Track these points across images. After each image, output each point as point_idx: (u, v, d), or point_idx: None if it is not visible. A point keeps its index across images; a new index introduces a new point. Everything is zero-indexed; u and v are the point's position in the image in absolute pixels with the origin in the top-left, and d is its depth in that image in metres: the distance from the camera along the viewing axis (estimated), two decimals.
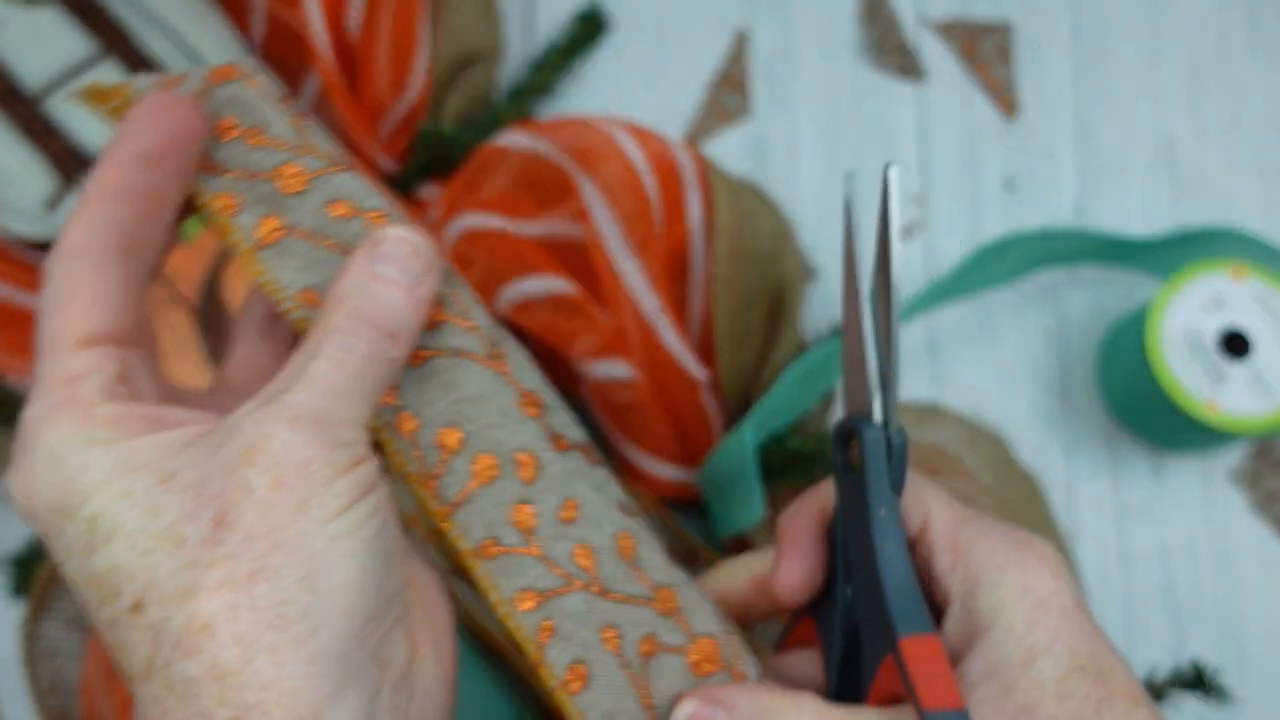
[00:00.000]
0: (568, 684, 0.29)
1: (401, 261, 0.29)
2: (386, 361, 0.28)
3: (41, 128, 0.54)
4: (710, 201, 0.50)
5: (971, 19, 0.61)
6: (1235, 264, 0.51)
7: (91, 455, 0.25)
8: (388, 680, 0.27)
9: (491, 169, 0.50)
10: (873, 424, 0.31)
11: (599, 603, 0.30)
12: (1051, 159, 0.59)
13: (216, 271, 0.53)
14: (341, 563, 0.25)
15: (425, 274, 0.29)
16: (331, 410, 0.26)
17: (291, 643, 0.24)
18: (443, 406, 0.30)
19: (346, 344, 0.27)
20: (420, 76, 0.54)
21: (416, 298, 0.29)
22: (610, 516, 0.31)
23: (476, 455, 0.30)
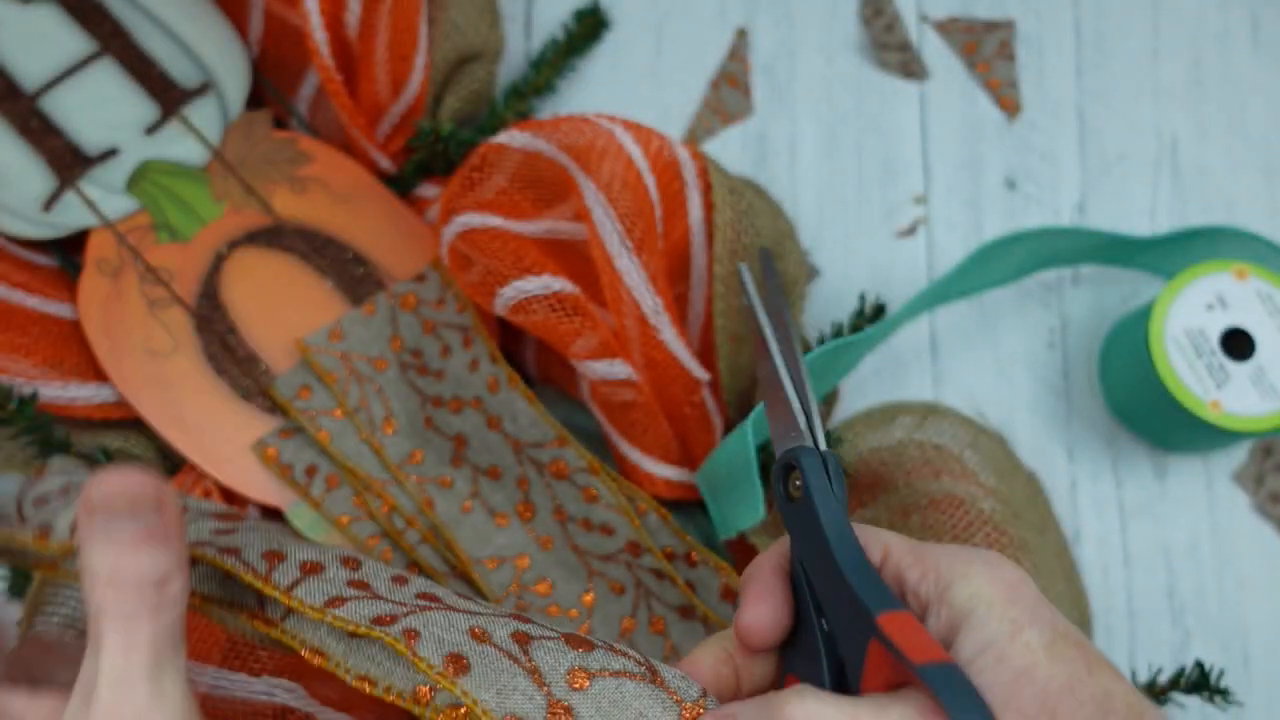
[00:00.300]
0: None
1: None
2: (163, 626, 0.28)
3: (39, 126, 0.53)
4: (710, 200, 0.49)
5: (973, 17, 0.60)
6: (1238, 263, 0.51)
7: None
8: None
9: (490, 168, 0.50)
10: (808, 449, 0.35)
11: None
12: (1053, 158, 0.59)
13: (214, 271, 0.52)
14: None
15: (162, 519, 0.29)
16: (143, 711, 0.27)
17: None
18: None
19: (121, 621, 0.27)
20: (419, 75, 0.54)
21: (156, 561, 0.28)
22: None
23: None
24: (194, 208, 0.53)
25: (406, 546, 0.48)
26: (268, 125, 0.55)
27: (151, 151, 0.54)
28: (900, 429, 0.52)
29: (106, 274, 0.52)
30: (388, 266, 0.54)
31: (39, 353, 0.50)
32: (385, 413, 0.50)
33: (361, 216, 0.54)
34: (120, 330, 0.51)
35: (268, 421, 0.50)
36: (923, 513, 0.48)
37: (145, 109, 0.55)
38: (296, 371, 0.51)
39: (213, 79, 0.55)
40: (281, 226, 0.54)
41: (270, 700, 0.45)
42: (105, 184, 0.53)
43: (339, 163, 0.55)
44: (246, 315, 0.52)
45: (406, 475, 0.49)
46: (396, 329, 0.52)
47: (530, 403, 0.51)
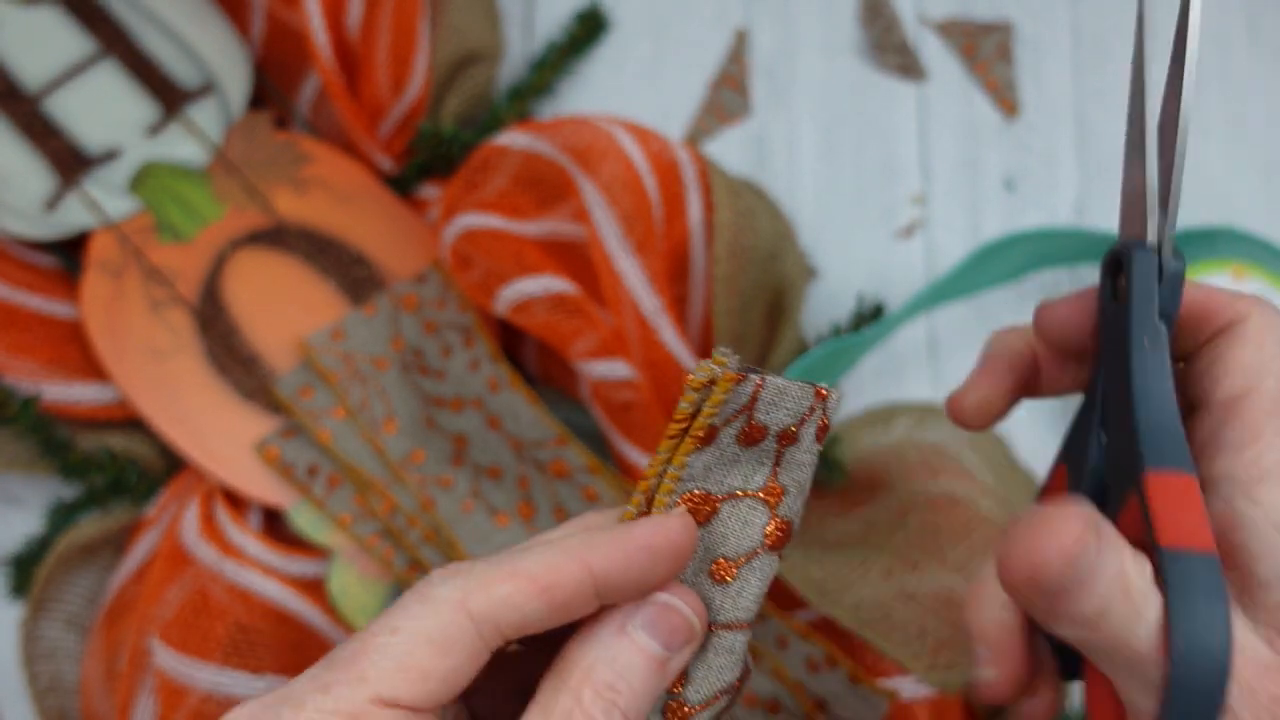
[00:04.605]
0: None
1: (666, 634, 0.26)
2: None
3: (41, 127, 0.54)
4: (710, 201, 0.50)
5: (972, 18, 0.60)
6: (1235, 263, 0.51)
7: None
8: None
9: (491, 169, 0.50)
10: (1145, 247, 0.28)
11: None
12: (1052, 158, 0.59)
13: (216, 271, 0.53)
14: None
15: (683, 648, 0.26)
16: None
17: None
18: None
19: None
20: (420, 76, 0.54)
21: (666, 675, 0.26)
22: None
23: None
24: (196, 208, 0.54)
25: (408, 546, 0.49)
26: (269, 126, 0.55)
27: (153, 152, 0.54)
28: (899, 429, 0.52)
29: (109, 274, 0.52)
30: (389, 267, 0.54)
31: (41, 353, 0.50)
32: (387, 412, 0.50)
33: (363, 217, 0.54)
34: (122, 330, 0.51)
35: (270, 421, 0.51)
36: (921, 512, 0.48)
37: (147, 110, 0.55)
38: (298, 371, 0.51)
39: (214, 80, 0.56)
40: (283, 227, 0.54)
41: None
42: (107, 184, 0.53)
43: (340, 164, 0.55)
44: (249, 315, 0.52)
45: (408, 475, 0.49)
46: (398, 329, 0.52)
47: (531, 402, 0.51)
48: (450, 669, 0.24)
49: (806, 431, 0.28)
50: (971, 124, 0.59)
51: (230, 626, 0.45)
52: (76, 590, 0.50)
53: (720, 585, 0.28)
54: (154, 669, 0.45)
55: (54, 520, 0.50)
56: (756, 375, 0.27)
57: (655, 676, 0.25)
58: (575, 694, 0.25)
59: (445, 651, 0.24)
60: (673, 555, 0.26)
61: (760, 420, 0.27)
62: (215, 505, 0.49)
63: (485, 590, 0.24)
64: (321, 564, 0.49)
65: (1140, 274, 0.27)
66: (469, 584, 0.25)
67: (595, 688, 0.25)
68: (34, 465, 0.50)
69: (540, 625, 0.25)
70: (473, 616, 0.24)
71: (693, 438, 0.27)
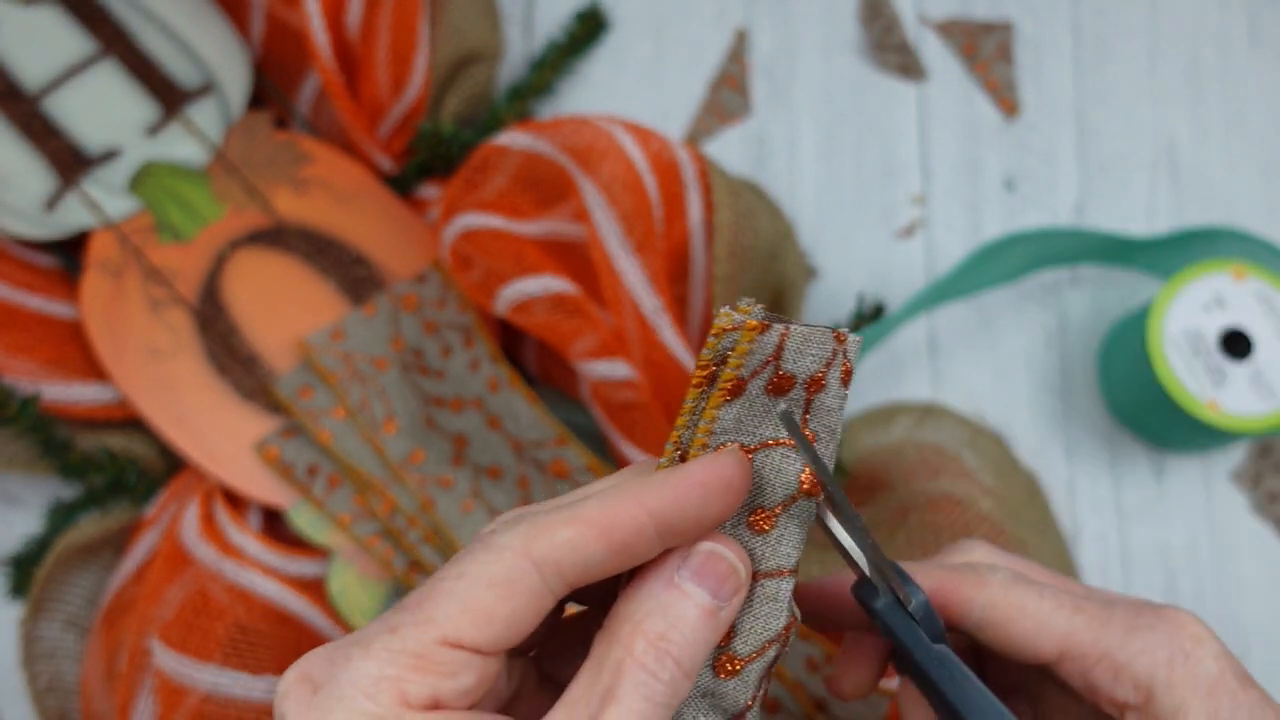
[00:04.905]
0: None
1: (714, 582, 0.26)
2: (674, 707, 0.25)
3: (41, 127, 0.54)
4: (710, 201, 0.50)
5: (972, 18, 0.60)
6: (1236, 263, 0.51)
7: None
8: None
9: (491, 168, 0.50)
10: (878, 596, 0.30)
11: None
12: (1052, 158, 0.59)
13: (216, 271, 0.53)
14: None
15: (732, 597, 0.26)
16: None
17: None
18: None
19: (648, 689, 0.24)
20: (419, 76, 0.54)
21: (718, 625, 0.26)
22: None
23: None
24: (196, 208, 0.54)
25: (408, 546, 0.49)
26: (269, 126, 0.55)
27: (153, 152, 0.54)
28: (899, 429, 0.52)
29: (109, 274, 0.52)
30: (389, 267, 0.54)
31: (41, 353, 0.50)
32: (386, 412, 0.50)
33: (363, 217, 0.54)
34: (122, 330, 0.51)
35: (269, 421, 0.51)
36: (921, 512, 0.48)
37: (147, 110, 0.55)
38: (298, 371, 0.51)
39: (214, 80, 0.56)
40: (283, 227, 0.54)
41: (271, 699, 0.45)
42: (107, 184, 0.53)
43: (340, 163, 0.55)
44: (248, 315, 0.52)
45: (408, 475, 0.49)
46: (398, 329, 0.52)
47: (531, 402, 0.51)
48: (513, 612, 0.24)
49: (832, 376, 0.28)
50: (971, 124, 0.59)
51: (230, 627, 0.45)
52: (76, 590, 0.50)
53: (760, 535, 0.28)
54: (154, 669, 0.45)
55: (54, 520, 0.50)
56: (781, 324, 0.27)
57: (707, 626, 0.25)
58: (627, 646, 0.25)
59: (508, 595, 0.24)
60: (728, 490, 0.26)
61: (787, 369, 0.27)
62: (215, 505, 0.49)
63: (547, 535, 0.25)
64: (321, 564, 0.49)
65: (896, 624, 0.30)
66: (531, 530, 0.25)
67: (647, 638, 0.25)
68: (34, 465, 0.50)
69: (602, 569, 0.25)
70: (535, 561, 0.24)
71: (721, 390, 0.27)
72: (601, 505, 0.25)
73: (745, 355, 0.26)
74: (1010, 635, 0.30)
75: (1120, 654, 0.29)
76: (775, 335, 0.27)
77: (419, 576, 0.49)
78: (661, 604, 0.25)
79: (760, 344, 0.26)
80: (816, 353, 0.27)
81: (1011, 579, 0.31)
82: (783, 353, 0.27)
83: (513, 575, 0.24)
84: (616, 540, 0.25)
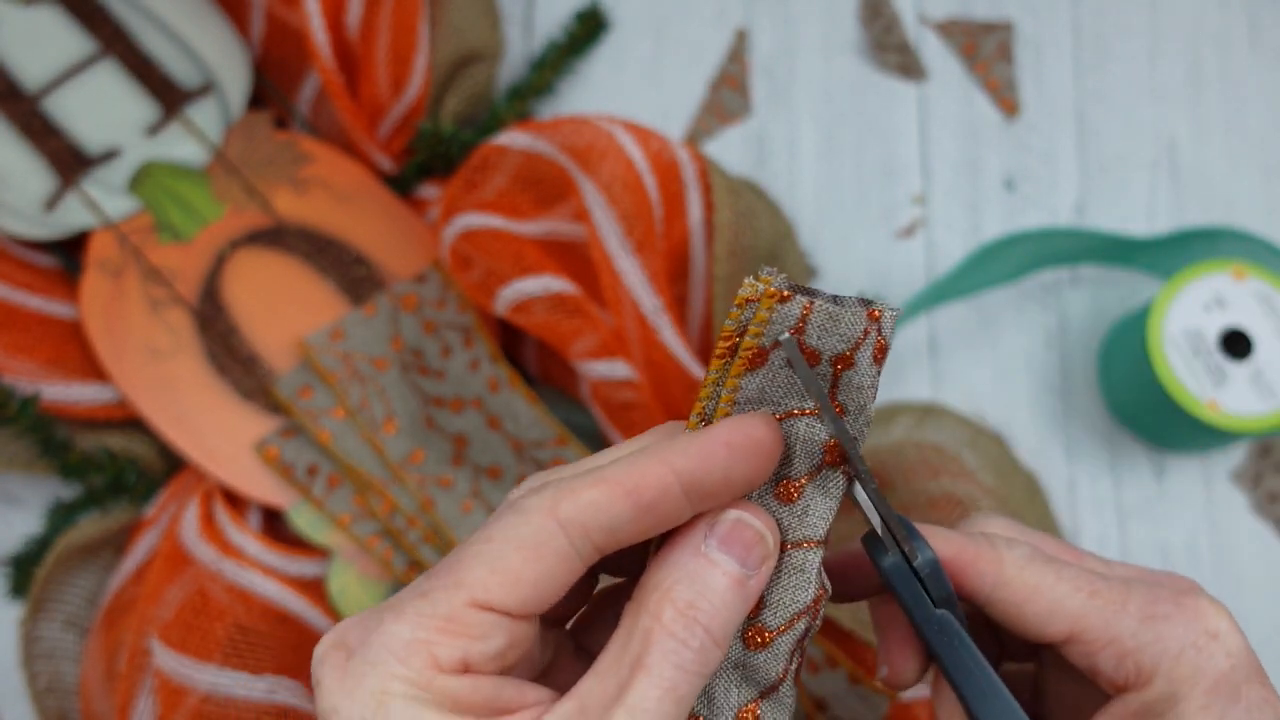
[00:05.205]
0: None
1: (741, 550, 0.26)
2: (707, 676, 0.25)
3: (40, 127, 0.54)
4: (710, 200, 0.50)
5: (972, 18, 0.60)
6: (1236, 263, 0.51)
7: (417, 718, 0.23)
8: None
9: (491, 168, 0.50)
10: (886, 555, 0.29)
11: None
12: (1052, 158, 0.59)
13: (216, 271, 0.53)
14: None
15: (761, 566, 0.26)
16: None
17: None
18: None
19: (678, 657, 0.24)
20: (419, 76, 0.54)
21: (747, 594, 0.26)
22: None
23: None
24: (196, 208, 0.54)
25: (408, 546, 0.49)
26: (269, 126, 0.55)
27: (153, 152, 0.54)
28: (899, 429, 0.52)
29: (108, 274, 0.52)
30: (389, 267, 0.54)
31: (41, 353, 0.50)
32: (386, 412, 0.50)
33: (363, 217, 0.54)
34: (122, 330, 0.51)
35: (269, 421, 0.51)
36: (922, 512, 0.48)
37: (147, 109, 0.55)
38: (298, 371, 0.51)
39: (214, 80, 0.56)
40: (283, 227, 0.54)
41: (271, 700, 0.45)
42: (107, 184, 0.53)
43: (340, 163, 0.55)
44: (248, 315, 0.52)
45: (407, 475, 0.49)
46: (398, 329, 0.52)
47: (531, 402, 0.51)
48: (541, 575, 0.24)
49: (862, 355, 0.27)
50: (971, 124, 0.59)
51: (230, 627, 0.45)
52: (76, 590, 0.50)
53: (787, 505, 0.27)
54: (154, 669, 0.45)
55: (53, 520, 0.50)
56: (806, 297, 0.26)
57: (735, 595, 0.25)
58: (655, 614, 0.24)
59: (536, 557, 0.24)
60: (755, 451, 0.26)
61: (812, 345, 0.26)
62: (215, 505, 0.49)
63: (573, 497, 0.24)
64: (321, 564, 0.49)
65: (900, 583, 0.29)
66: (558, 493, 0.25)
67: (676, 606, 0.24)
68: (33, 465, 0.50)
69: (630, 531, 0.25)
70: (561, 522, 0.24)
71: (742, 359, 0.26)
72: (628, 466, 0.25)
73: (765, 324, 0.26)
74: (1022, 615, 0.30)
75: (1130, 641, 0.29)
76: (798, 307, 0.26)
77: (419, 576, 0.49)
78: (689, 572, 0.25)
79: (781, 314, 0.26)
80: (845, 332, 0.26)
81: (1028, 557, 0.30)
82: (806, 327, 0.26)
83: (540, 538, 0.24)
84: (643, 501, 0.25)
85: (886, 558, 0.29)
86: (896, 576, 0.29)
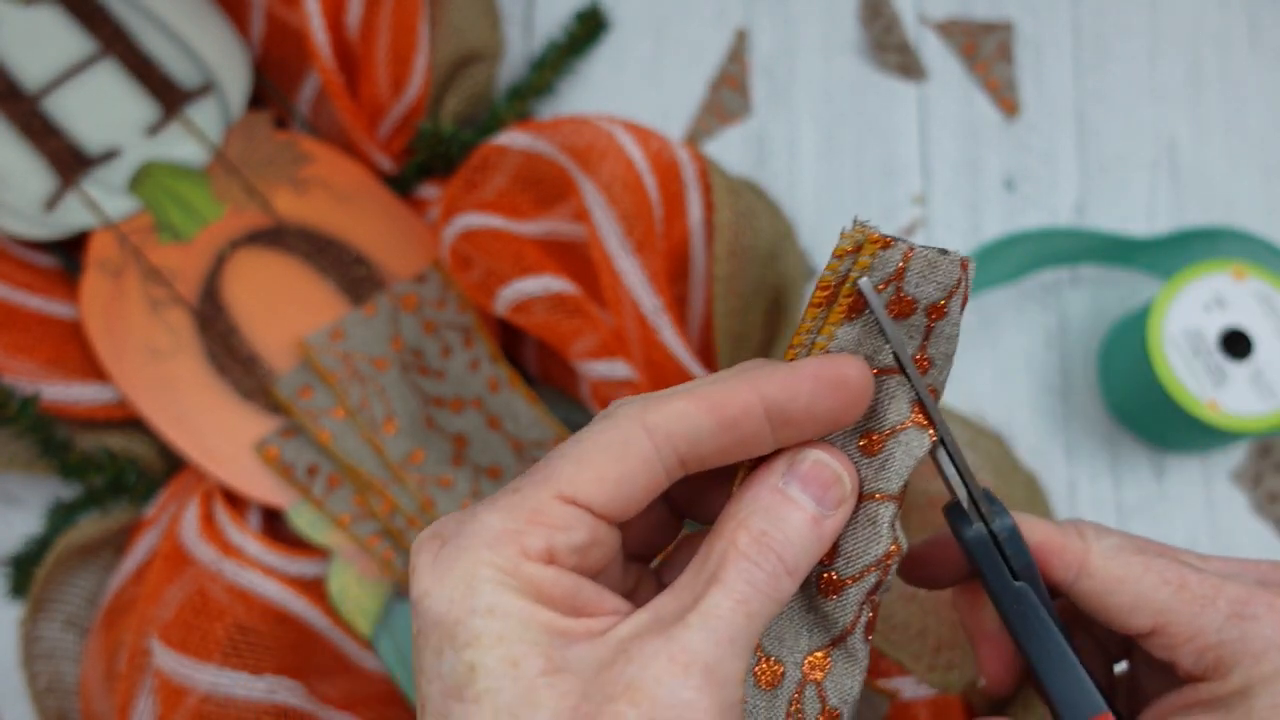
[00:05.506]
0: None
1: (818, 489, 0.26)
2: (778, 604, 0.25)
3: (40, 127, 0.54)
4: (710, 201, 0.50)
5: (972, 18, 0.60)
6: (1236, 263, 0.51)
7: (504, 602, 0.24)
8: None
9: (491, 168, 0.50)
10: (969, 525, 0.29)
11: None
12: (1052, 158, 0.59)
13: (216, 271, 0.53)
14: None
15: (837, 508, 0.27)
16: (722, 661, 0.24)
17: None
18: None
19: (750, 575, 0.25)
20: (419, 76, 0.54)
21: (822, 533, 0.26)
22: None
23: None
24: (196, 208, 0.54)
25: (408, 546, 0.49)
26: (269, 126, 0.55)
27: (153, 152, 0.54)
28: None
29: (108, 274, 0.52)
30: (389, 267, 0.54)
31: (41, 353, 0.50)
32: (386, 412, 0.50)
33: (363, 217, 0.54)
34: (122, 330, 0.51)
35: (269, 421, 0.51)
36: (922, 512, 0.48)
37: (147, 109, 0.55)
38: (298, 371, 0.51)
39: (214, 80, 0.56)
40: (283, 227, 0.54)
41: (271, 700, 0.45)
42: (107, 184, 0.53)
43: (340, 163, 0.55)
44: (248, 315, 0.52)
45: (408, 475, 0.49)
46: (398, 329, 0.52)
47: (531, 403, 0.51)
48: (624, 475, 0.25)
49: (954, 304, 0.27)
50: (971, 124, 0.59)
51: (230, 627, 0.45)
52: (76, 590, 0.50)
53: (868, 457, 0.28)
54: (153, 669, 0.45)
55: (53, 520, 0.50)
56: (904, 243, 0.26)
57: (810, 532, 0.26)
58: (731, 539, 0.25)
59: (621, 457, 0.25)
60: (842, 387, 0.26)
61: (909, 293, 0.27)
62: (215, 505, 0.49)
63: (660, 405, 0.26)
64: (321, 564, 0.49)
65: (980, 554, 0.29)
66: (647, 402, 0.26)
67: (751, 534, 0.25)
68: (33, 465, 0.50)
69: (711, 445, 0.26)
70: (647, 427, 0.25)
71: (842, 305, 0.27)
72: (715, 384, 0.26)
73: (866, 270, 0.26)
74: (1106, 606, 0.30)
75: (1213, 636, 0.29)
76: (898, 254, 0.26)
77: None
78: (765, 505, 0.26)
79: (882, 259, 0.26)
80: (942, 280, 0.27)
81: (1117, 547, 0.30)
82: (905, 274, 0.26)
83: (627, 439, 0.25)
84: (725, 416, 0.25)
85: (969, 528, 0.29)
86: (977, 546, 0.29)
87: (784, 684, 0.28)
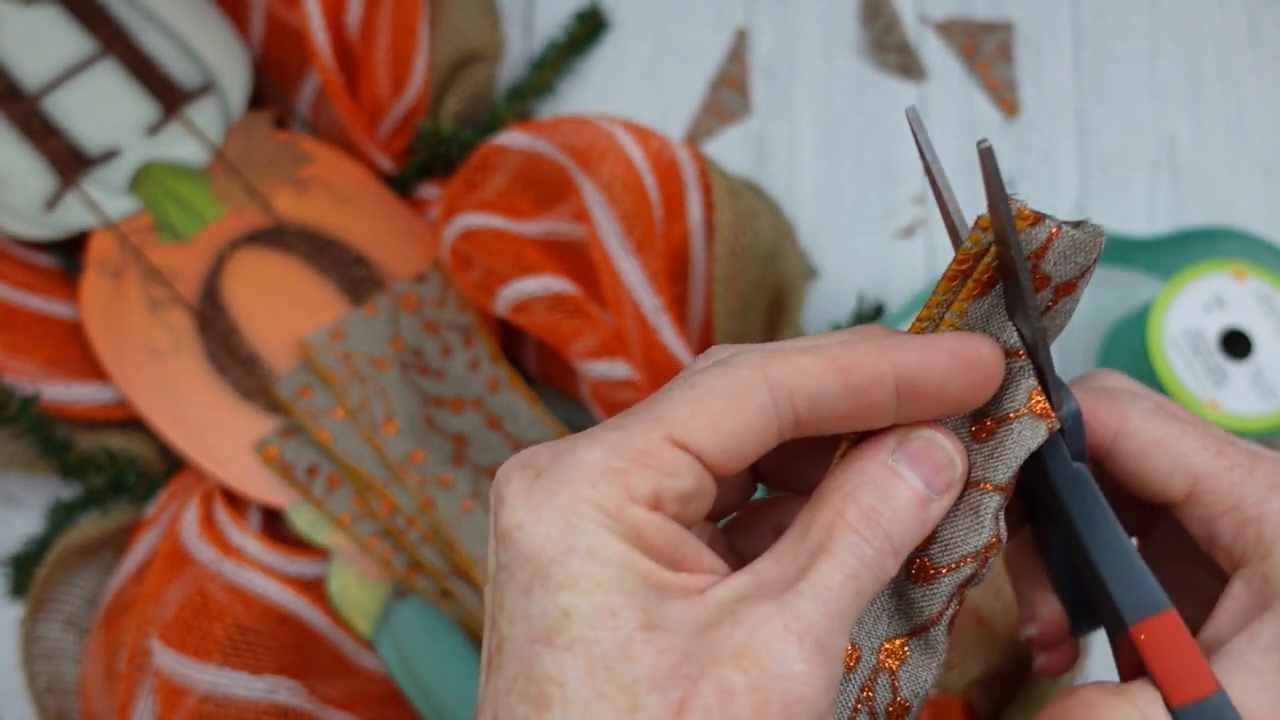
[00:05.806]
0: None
1: (929, 470, 0.25)
2: (881, 584, 0.24)
3: (40, 127, 0.54)
4: (710, 201, 0.50)
5: (972, 18, 0.60)
6: (1236, 263, 0.51)
7: (605, 545, 0.22)
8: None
9: (491, 168, 0.50)
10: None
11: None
12: (1052, 158, 0.59)
13: (216, 271, 0.53)
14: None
15: (945, 492, 0.25)
16: (832, 635, 0.23)
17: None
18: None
19: (859, 550, 0.23)
20: (419, 76, 0.54)
21: (926, 516, 0.25)
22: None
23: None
24: (195, 208, 0.54)
25: (407, 546, 0.49)
26: (269, 126, 0.55)
27: (153, 152, 0.54)
28: None
29: (108, 274, 0.52)
30: (389, 267, 0.54)
31: (41, 353, 0.50)
32: (386, 412, 0.50)
33: (363, 217, 0.54)
34: (122, 330, 0.51)
35: (269, 421, 0.51)
36: None
37: (147, 109, 0.55)
38: (298, 371, 0.51)
39: (214, 79, 0.56)
40: (283, 227, 0.54)
41: (271, 700, 0.45)
42: (107, 184, 0.53)
43: (340, 163, 0.55)
44: (248, 315, 0.52)
45: (408, 475, 0.49)
46: (398, 329, 0.52)
47: (531, 403, 0.51)
48: (739, 426, 0.23)
49: (1084, 282, 0.26)
50: (971, 124, 0.59)
51: (230, 627, 0.45)
52: (75, 591, 0.50)
53: (978, 443, 0.27)
54: (153, 669, 0.45)
55: (53, 520, 0.50)
56: (1052, 221, 0.25)
57: (917, 514, 0.25)
58: (839, 510, 0.24)
59: (738, 408, 0.23)
60: (976, 367, 0.25)
61: (1045, 271, 0.25)
62: (215, 505, 0.49)
63: (784, 359, 0.24)
64: (321, 564, 0.49)
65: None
66: (769, 353, 0.24)
67: (860, 507, 0.24)
68: (33, 465, 0.50)
69: (833, 408, 0.24)
70: (769, 380, 0.24)
71: (976, 281, 0.26)
72: (845, 347, 0.24)
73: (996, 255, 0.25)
74: (1143, 468, 0.29)
75: (1253, 508, 0.27)
76: (1044, 232, 0.25)
77: (419, 576, 0.49)
78: (873, 479, 0.24)
79: (1029, 236, 0.25)
80: (1081, 259, 0.25)
81: (1154, 409, 0.29)
82: (1046, 253, 0.25)
83: (746, 390, 0.23)
84: (853, 380, 0.24)
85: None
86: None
87: (858, 668, 0.26)
